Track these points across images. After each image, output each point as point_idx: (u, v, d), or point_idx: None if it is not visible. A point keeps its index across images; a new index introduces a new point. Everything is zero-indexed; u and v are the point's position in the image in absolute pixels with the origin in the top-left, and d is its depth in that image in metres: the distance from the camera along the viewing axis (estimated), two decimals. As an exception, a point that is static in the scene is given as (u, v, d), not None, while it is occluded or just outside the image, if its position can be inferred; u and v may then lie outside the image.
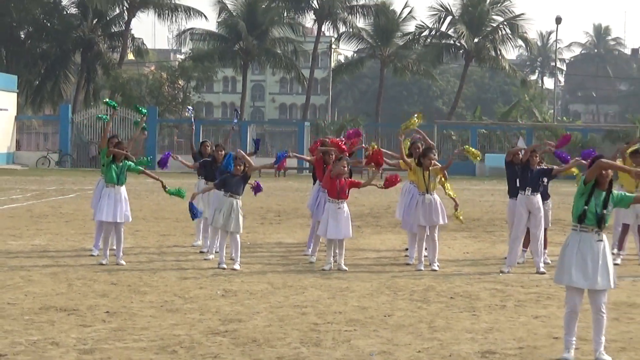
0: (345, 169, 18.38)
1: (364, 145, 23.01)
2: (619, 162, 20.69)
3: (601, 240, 11.18)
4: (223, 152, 20.13)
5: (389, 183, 19.01)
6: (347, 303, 14.78)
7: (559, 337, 11.79)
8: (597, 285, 11.05)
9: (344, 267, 18.47)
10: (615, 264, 11.74)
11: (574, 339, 11.19)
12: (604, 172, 11.15)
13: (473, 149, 20.51)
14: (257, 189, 19.62)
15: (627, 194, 11.52)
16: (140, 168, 19.27)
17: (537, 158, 19.14)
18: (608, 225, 11.51)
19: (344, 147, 19.59)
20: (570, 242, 11.24)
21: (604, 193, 11.11)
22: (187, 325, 12.76)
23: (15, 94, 76.10)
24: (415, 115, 20.43)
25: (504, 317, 13.87)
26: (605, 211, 11.10)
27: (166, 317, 13.32)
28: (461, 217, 20.15)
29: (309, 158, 22.24)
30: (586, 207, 11.15)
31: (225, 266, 18.20)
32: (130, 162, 19.13)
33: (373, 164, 18.89)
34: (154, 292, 15.36)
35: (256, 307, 14.22)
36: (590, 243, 11.16)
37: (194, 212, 18.93)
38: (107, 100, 20.58)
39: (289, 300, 14.90)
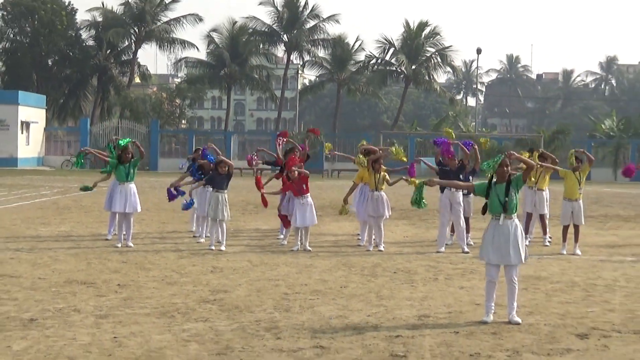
0: (295, 174, 18.55)
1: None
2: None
3: (512, 225, 11.24)
4: (200, 151, 20.51)
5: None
6: (311, 277, 14.80)
7: (480, 304, 11.86)
8: (509, 261, 11.14)
9: (309, 248, 18.47)
10: (526, 244, 11.77)
11: (493, 304, 11.27)
12: (505, 168, 11.27)
13: (395, 149, 20.76)
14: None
15: (518, 174, 11.61)
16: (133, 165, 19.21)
17: (456, 161, 19.32)
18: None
19: (297, 160, 19.68)
20: (489, 227, 11.37)
21: (504, 184, 11.20)
22: (183, 295, 12.75)
23: (44, 110, 75.94)
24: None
25: (436, 288, 13.92)
26: (507, 198, 11.18)
27: (166, 288, 13.30)
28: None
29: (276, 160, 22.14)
30: (487, 201, 11.25)
31: (214, 248, 18.17)
32: (136, 160, 19.26)
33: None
34: (156, 269, 15.33)
35: (238, 281, 14.22)
36: (504, 229, 11.22)
37: (171, 196, 19.65)
38: (123, 139, 20.37)
39: (265, 275, 14.90)
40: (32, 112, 72.23)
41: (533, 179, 20.37)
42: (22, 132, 69.90)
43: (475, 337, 10.28)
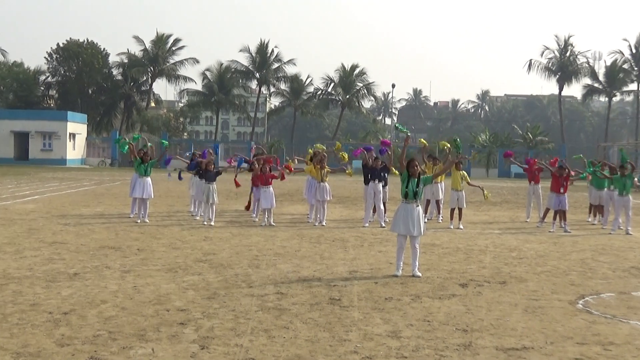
0: (258, 170, 19.13)
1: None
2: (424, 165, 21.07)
3: (417, 207, 11.33)
4: (197, 154, 20.66)
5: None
6: (274, 244, 14.74)
7: (392, 263, 11.88)
8: (413, 233, 11.20)
9: (273, 224, 18.40)
10: (425, 222, 11.84)
11: (401, 263, 11.30)
12: (416, 167, 11.35)
13: (338, 145, 20.99)
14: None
15: (428, 176, 11.71)
16: (150, 165, 19.23)
17: (379, 162, 19.41)
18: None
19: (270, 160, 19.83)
20: (400, 208, 11.42)
21: (415, 179, 11.27)
22: (183, 256, 12.67)
23: (86, 125, 75.48)
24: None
25: (362, 252, 13.94)
26: (417, 189, 11.28)
27: (171, 252, 13.21)
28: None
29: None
30: (407, 189, 11.30)
31: (206, 223, 18.08)
32: (153, 161, 19.34)
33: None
34: (164, 238, 15.21)
35: (223, 246, 14.14)
36: (411, 209, 11.29)
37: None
38: (123, 142, 20.53)
39: (242, 242, 14.83)
40: (77, 127, 72.05)
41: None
42: (69, 141, 69.59)
43: (389, 286, 10.31)
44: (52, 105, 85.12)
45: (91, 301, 8.76)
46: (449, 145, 19.39)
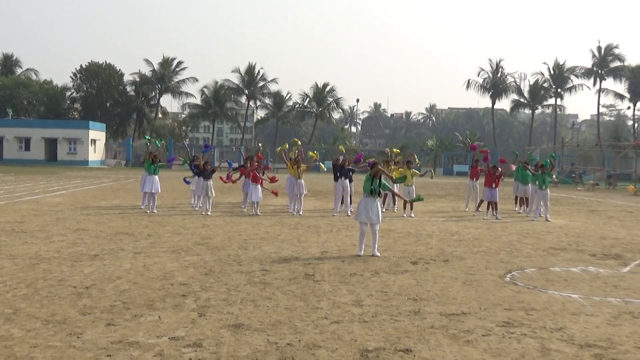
0: (251, 169, 18.74)
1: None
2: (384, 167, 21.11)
3: (376, 200, 11.34)
4: (196, 157, 20.40)
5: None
6: (260, 230, 14.70)
7: (356, 245, 11.89)
8: (372, 221, 11.22)
9: (259, 214, 18.35)
10: (382, 212, 11.86)
11: (363, 245, 11.33)
12: (379, 169, 11.36)
13: (313, 153, 20.86)
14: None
15: (386, 184, 11.68)
16: (159, 166, 19.05)
17: (347, 162, 19.42)
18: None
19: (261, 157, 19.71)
20: (362, 201, 11.42)
21: (377, 179, 11.28)
22: (184, 240, 12.59)
23: (104, 132, 74.74)
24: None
25: (332, 236, 13.94)
26: (379, 188, 11.29)
27: (175, 236, 13.12)
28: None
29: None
30: (372, 187, 11.32)
31: (204, 213, 17.99)
32: (160, 163, 19.04)
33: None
34: (169, 225, 15.10)
35: (218, 232, 14.08)
36: (371, 202, 11.31)
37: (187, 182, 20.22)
38: (154, 139, 20.42)
39: (233, 229, 14.78)
40: (97, 134, 71.41)
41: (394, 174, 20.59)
42: (91, 145, 68.95)
43: (353, 264, 10.32)
44: (76, 116, 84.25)
45: (108, 277, 8.68)
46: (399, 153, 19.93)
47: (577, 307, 7.65)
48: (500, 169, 20.08)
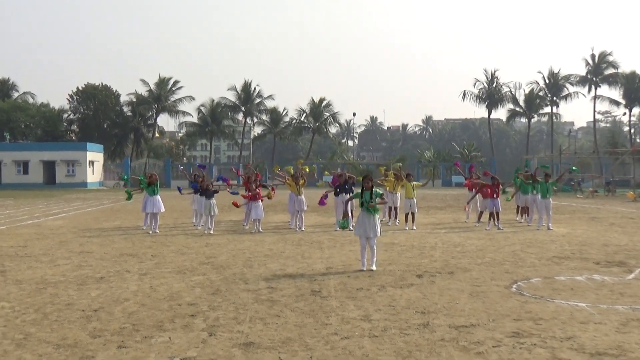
0: (254, 187, 18.76)
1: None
2: (382, 179, 21.20)
3: (372, 214, 11.37)
4: (199, 177, 20.38)
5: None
6: (263, 247, 14.72)
7: (358, 260, 11.89)
8: (368, 235, 11.25)
9: (261, 230, 18.39)
10: (382, 225, 11.90)
11: (365, 260, 11.32)
12: (369, 182, 11.41)
13: (307, 167, 21.05)
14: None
15: (377, 191, 11.62)
16: (157, 186, 19.08)
17: (346, 178, 19.53)
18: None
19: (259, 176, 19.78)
20: (360, 215, 11.47)
21: (369, 192, 11.32)
22: (189, 260, 12.60)
23: (102, 153, 75.03)
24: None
25: (335, 251, 13.95)
26: (370, 201, 11.33)
27: (179, 256, 13.13)
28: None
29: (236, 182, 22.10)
30: (363, 200, 11.36)
31: (206, 232, 18.01)
32: (157, 183, 19.19)
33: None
34: (173, 245, 15.12)
35: (222, 250, 14.08)
36: (367, 216, 11.35)
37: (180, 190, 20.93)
38: (140, 176, 20.40)
39: (237, 247, 14.79)
40: (95, 155, 71.64)
41: (388, 186, 20.66)
42: (89, 167, 69.16)
43: (359, 278, 10.33)
44: (73, 138, 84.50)
45: (116, 299, 8.69)
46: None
47: (585, 316, 7.67)
48: (496, 179, 20.23)
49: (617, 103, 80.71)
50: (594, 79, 79.83)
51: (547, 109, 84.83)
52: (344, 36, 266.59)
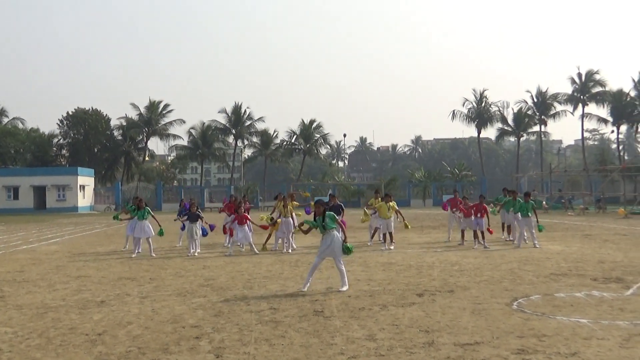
0: (242, 210, 18.58)
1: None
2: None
3: (331, 233, 11.56)
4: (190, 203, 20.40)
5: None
6: (262, 269, 14.70)
7: (360, 279, 11.87)
8: (336, 255, 11.53)
9: (257, 252, 18.39)
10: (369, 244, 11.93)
11: (310, 279, 11.54)
12: (319, 208, 11.76)
13: (304, 192, 21.03)
14: (211, 227, 19.92)
15: (331, 216, 11.71)
16: (150, 214, 18.98)
17: (335, 201, 19.72)
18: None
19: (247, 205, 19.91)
20: (323, 238, 11.67)
21: (321, 216, 11.58)
22: (188, 282, 12.58)
23: (93, 178, 74.64)
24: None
25: (333, 271, 13.85)
26: (324, 223, 11.57)
27: (178, 279, 13.11)
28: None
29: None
30: (319, 225, 11.54)
31: (189, 255, 18.13)
32: (147, 208, 19.08)
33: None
34: (170, 268, 15.09)
35: (220, 272, 14.07)
36: (328, 237, 11.55)
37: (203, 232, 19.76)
38: (129, 205, 20.48)
39: (235, 269, 14.77)
40: (86, 179, 71.39)
41: (375, 207, 20.52)
42: (80, 191, 68.91)
43: (360, 298, 10.35)
44: (64, 162, 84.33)
45: (119, 323, 8.67)
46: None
47: (587, 332, 7.73)
48: (484, 199, 20.55)
49: (605, 121, 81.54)
50: (582, 97, 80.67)
51: (536, 128, 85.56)
52: (333, 58, 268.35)
